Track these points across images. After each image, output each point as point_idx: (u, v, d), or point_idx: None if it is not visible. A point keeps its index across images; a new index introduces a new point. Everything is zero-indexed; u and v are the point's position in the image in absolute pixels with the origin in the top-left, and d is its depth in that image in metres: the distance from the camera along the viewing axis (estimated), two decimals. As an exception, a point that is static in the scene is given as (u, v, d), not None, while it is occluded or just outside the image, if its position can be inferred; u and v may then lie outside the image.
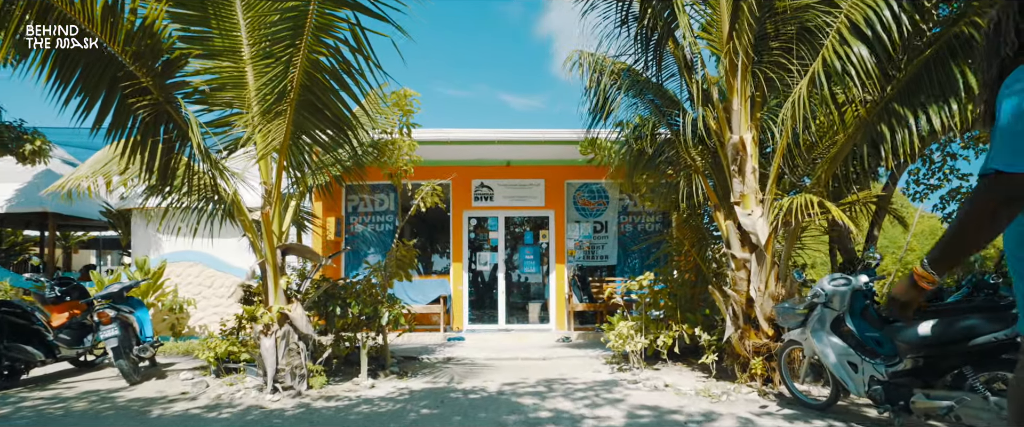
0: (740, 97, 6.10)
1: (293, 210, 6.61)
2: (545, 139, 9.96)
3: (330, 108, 6.14)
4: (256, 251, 6.22)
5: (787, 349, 5.64)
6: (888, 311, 1.81)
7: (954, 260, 1.54)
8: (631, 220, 11.52)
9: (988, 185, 1.38)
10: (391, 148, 7.48)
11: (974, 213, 1.40)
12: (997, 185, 1.36)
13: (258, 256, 6.20)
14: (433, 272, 11.90)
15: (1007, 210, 1.37)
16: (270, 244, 6.05)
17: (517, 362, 8.32)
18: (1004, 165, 1.34)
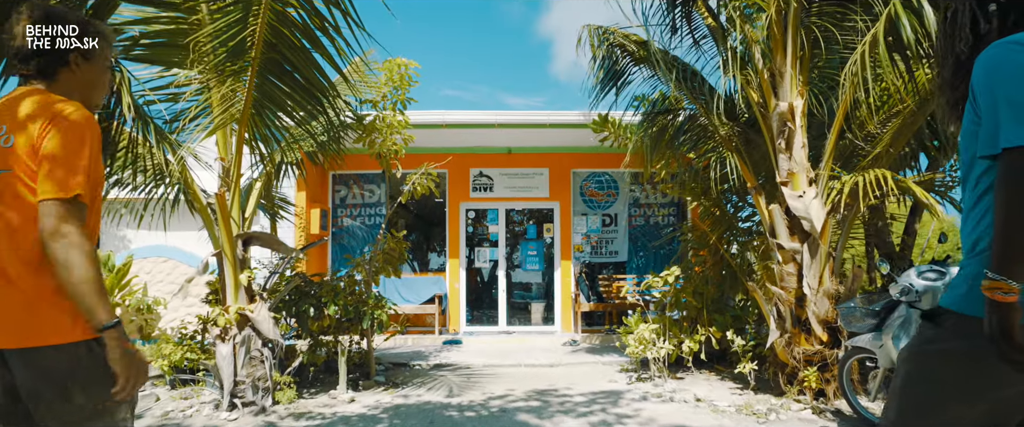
0: (790, 56, 5.04)
1: (258, 194, 5.53)
2: (550, 122, 8.91)
3: (301, 70, 5.08)
4: (212, 240, 5.16)
5: (851, 358, 4.58)
6: (1001, 358, 1.28)
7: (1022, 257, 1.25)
8: (643, 212, 10.46)
9: (1012, 165, 1.24)
10: (379, 126, 6.40)
11: (1015, 200, 1.23)
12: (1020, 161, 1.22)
13: (214, 246, 5.14)
14: (428, 269, 10.83)
15: None
16: (227, 232, 4.98)
17: (520, 370, 7.26)
18: (1019, 138, 1.22)
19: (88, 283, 1.53)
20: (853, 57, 4.65)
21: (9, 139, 1.59)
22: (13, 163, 1.58)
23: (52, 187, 1.54)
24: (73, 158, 1.57)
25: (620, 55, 6.47)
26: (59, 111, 1.59)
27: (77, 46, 1.73)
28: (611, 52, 6.44)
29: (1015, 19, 1.42)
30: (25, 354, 1.57)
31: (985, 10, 1.45)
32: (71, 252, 1.52)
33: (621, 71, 6.51)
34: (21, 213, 1.59)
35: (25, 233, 1.58)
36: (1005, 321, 1.26)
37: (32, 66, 1.69)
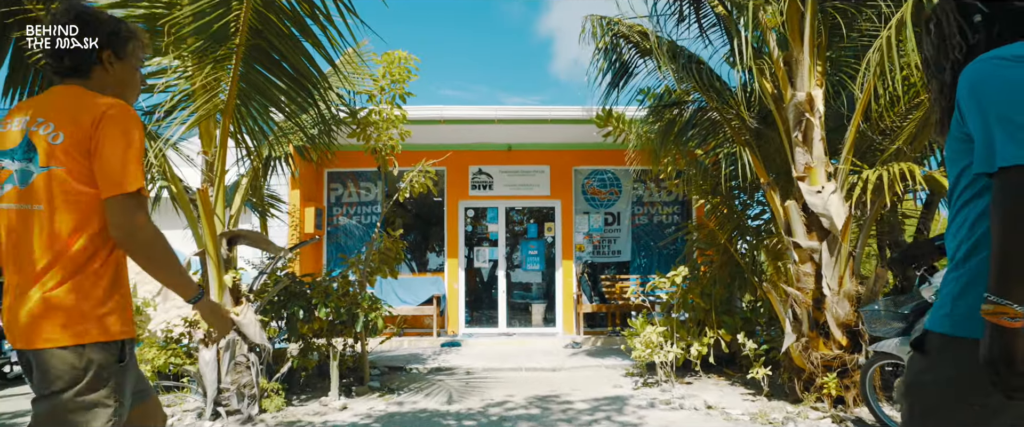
0: (808, 43, 4.73)
1: (244, 190, 5.21)
2: (551, 117, 8.59)
3: (290, 60, 4.76)
4: (195, 238, 4.84)
5: (876, 364, 4.27)
6: (996, 385, 1.20)
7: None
8: (646, 211, 10.14)
9: (1007, 185, 1.19)
10: (375, 120, 6.07)
11: (1012, 221, 1.18)
12: (1017, 180, 1.18)
13: (197, 245, 4.82)
14: (426, 270, 10.52)
15: None
16: (210, 230, 4.67)
17: (522, 374, 6.95)
18: (1016, 158, 1.18)
19: (172, 267, 1.66)
20: (877, 43, 4.33)
21: (58, 136, 1.59)
22: (63, 159, 1.59)
23: (116, 183, 1.58)
24: (129, 153, 1.60)
25: (625, 46, 6.15)
26: (107, 107, 1.62)
27: (110, 45, 1.73)
28: (616, 43, 6.13)
29: (999, 30, 1.38)
30: (38, 354, 1.59)
31: (970, 21, 1.42)
32: (150, 243, 1.60)
33: (626, 63, 6.19)
34: (68, 208, 1.60)
35: (68, 227, 1.60)
36: (1011, 348, 1.18)
37: (66, 64, 1.70)
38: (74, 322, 1.59)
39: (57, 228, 1.60)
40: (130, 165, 1.60)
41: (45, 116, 1.63)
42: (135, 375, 1.76)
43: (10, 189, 1.64)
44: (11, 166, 1.64)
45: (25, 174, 1.62)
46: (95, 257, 1.63)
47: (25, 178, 1.62)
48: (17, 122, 1.67)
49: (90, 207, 1.63)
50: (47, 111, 1.64)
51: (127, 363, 1.69)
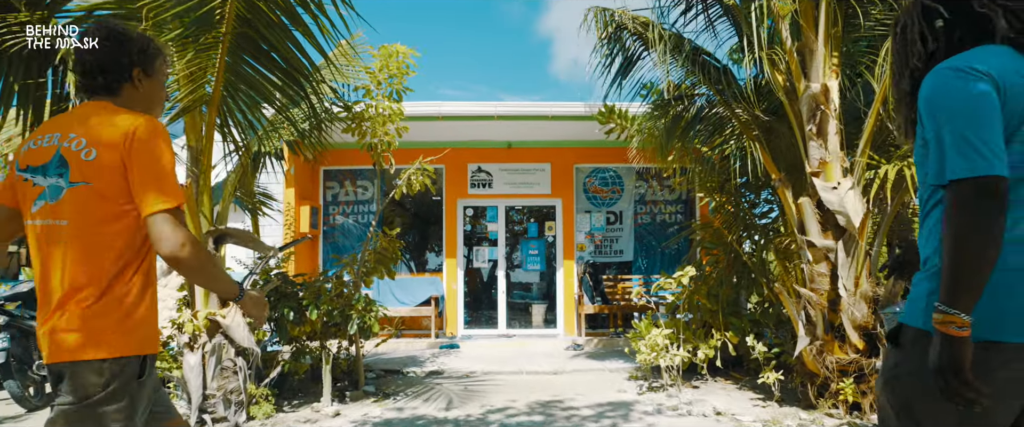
0: (822, 32, 4.49)
1: (232, 186, 4.95)
2: (552, 114, 8.35)
3: (279, 50, 4.52)
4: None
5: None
6: (943, 391, 1.24)
7: (975, 288, 1.22)
8: (649, 210, 9.89)
9: (964, 196, 1.23)
10: (370, 116, 5.82)
11: (966, 230, 1.22)
12: (973, 193, 1.22)
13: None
14: (425, 270, 10.27)
15: (996, 213, 1.21)
16: (194, 227, 4.42)
17: (522, 377, 6.70)
18: (967, 171, 1.22)
19: (217, 274, 1.71)
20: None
21: (90, 152, 1.60)
22: (94, 176, 1.60)
23: (157, 200, 1.58)
24: (165, 168, 1.61)
25: (629, 38, 5.91)
26: (139, 124, 1.63)
27: (140, 63, 1.75)
28: (618, 35, 5.88)
29: (961, 35, 1.39)
30: (64, 366, 1.59)
31: (932, 26, 1.42)
32: (195, 256, 1.60)
33: (630, 56, 5.95)
34: (96, 224, 1.61)
35: (96, 243, 1.61)
36: (958, 356, 1.22)
37: (99, 82, 1.72)
38: (99, 336, 1.59)
39: (85, 244, 1.61)
40: (168, 181, 1.61)
41: (77, 132, 1.64)
42: (151, 391, 1.75)
43: (42, 205, 1.65)
44: (43, 182, 1.64)
45: (56, 189, 1.63)
46: (123, 273, 1.64)
47: (56, 193, 1.63)
48: (48, 138, 1.67)
49: (119, 223, 1.64)
50: (79, 128, 1.65)
51: (145, 379, 1.68)
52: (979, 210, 1.22)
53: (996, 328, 1.26)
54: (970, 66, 1.28)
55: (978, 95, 1.25)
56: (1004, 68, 1.29)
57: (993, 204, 1.22)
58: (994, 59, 1.31)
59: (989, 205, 1.22)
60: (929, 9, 1.43)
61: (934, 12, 1.42)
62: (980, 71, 1.27)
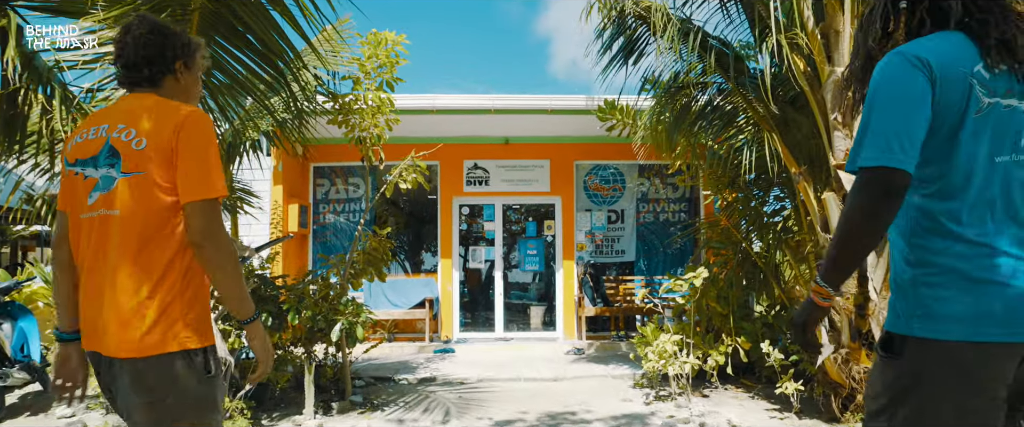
0: (849, 11, 4.07)
1: None
2: (551, 107, 7.92)
3: (256, 31, 4.09)
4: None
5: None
6: (791, 339, 1.76)
7: (847, 269, 1.37)
8: (652, 208, 9.47)
9: (863, 182, 1.27)
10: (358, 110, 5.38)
11: (855, 214, 1.28)
12: (871, 181, 1.26)
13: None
14: (420, 270, 9.84)
15: (885, 204, 1.26)
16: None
17: (520, 385, 6.27)
18: (872, 160, 1.26)
19: (236, 281, 1.62)
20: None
21: (141, 142, 1.60)
22: (147, 166, 1.59)
23: (198, 188, 1.57)
24: (211, 159, 1.61)
25: (634, 24, 5.49)
26: (188, 114, 1.63)
27: (182, 56, 1.76)
28: (623, 21, 5.46)
29: (920, 18, 1.39)
30: (134, 363, 1.57)
31: (896, 8, 1.42)
32: (226, 250, 1.58)
33: (634, 42, 5.53)
34: (149, 214, 1.59)
35: (150, 233, 1.59)
36: (811, 318, 1.44)
37: (144, 75, 1.72)
38: (163, 330, 1.57)
39: (139, 234, 1.59)
40: (213, 171, 1.61)
41: (126, 123, 1.64)
42: (223, 385, 1.81)
43: (99, 196, 1.64)
44: (95, 174, 1.64)
45: (108, 180, 1.62)
46: (175, 263, 1.62)
47: (107, 184, 1.62)
48: (95, 130, 1.67)
49: (171, 213, 1.62)
50: (127, 118, 1.65)
51: (215, 373, 1.67)
52: (875, 201, 1.24)
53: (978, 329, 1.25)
54: (915, 55, 1.28)
55: (910, 88, 1.26)
56: (950, 58, 1.28)
57: (889, 199, 1.24)
58: (943, 48, 1.29)
59: (885, 198, 1.24)
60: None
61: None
62: (921, 61, 1.27)
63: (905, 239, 1.37)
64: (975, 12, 1.33)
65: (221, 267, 1.60)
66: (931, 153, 1.29)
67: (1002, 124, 1.28)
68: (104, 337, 1.59)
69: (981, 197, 1.27)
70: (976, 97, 1.26)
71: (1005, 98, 1.28)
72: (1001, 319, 1.24)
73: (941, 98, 1.26)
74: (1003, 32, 1.30)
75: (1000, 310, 1.24)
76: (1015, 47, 1.29)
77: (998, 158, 1.28)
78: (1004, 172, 1.28)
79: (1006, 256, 1.26)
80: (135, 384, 1.57)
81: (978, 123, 1.26)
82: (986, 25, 1.31)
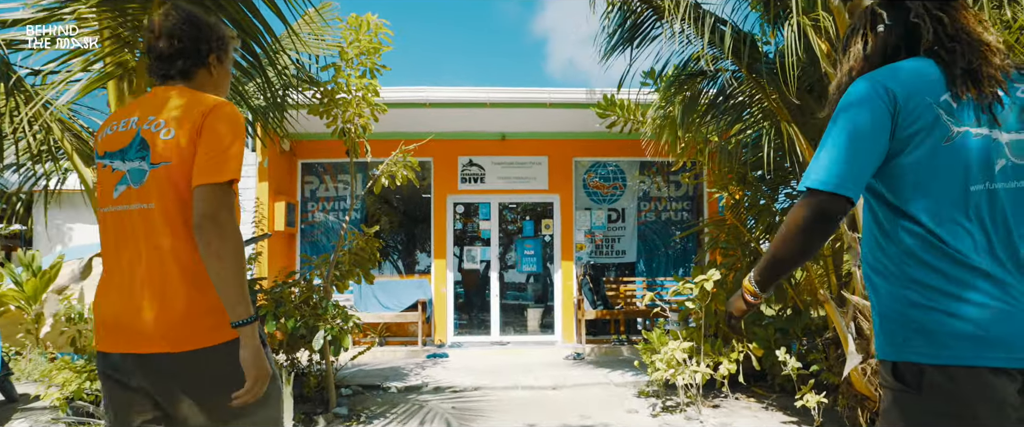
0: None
1: None
2: (550, 101, 7.52)
3: (228, 9, 3.67)
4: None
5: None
6: (726, 324, 1.65)
7: (773, 277, 1.41)
8: (653, 207, 9.06)
9: (805, 202, 1.30)
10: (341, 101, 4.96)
11: (789, 230, 1.31)
12: (814, 204, 1.28)
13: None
14: (413, 271, 9.41)
15: (821, 227, 1.29)
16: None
17: (518, 393, 5.85)
18: (819, 183, 1.27)
19: (235, 274, 1.49)
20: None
21: (169, 132, 1.56)
22: (174, 155, 1.55)
23: (207, 172, 1.51)
24: (232, 148, 1.55)
25: (639, 7, 5.07)
26: (218, 105, 1.60)
27: (216, 49, 1.71)
28: (628, 3, 5.05)
29: (895, 43, 1.40)
30: (176, 358, 1.51)
31: (875, 32, 1.43)
32: (224, 240, 1.48)
33: (640, 27, 5.11)
34: (182, 205, 1.55)
35: (183, 224, 1.54)
36: (739, 308, 1.54)
37: (179, 68, 1.67)
38: (215, 319, 1.52)
39: (174, 225, 1.54)
40: (231, 160, 1.53)
41: (156, 114, 1.59)
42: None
43: (124, 189, 1.57)
44: (123, 166, 1.58)
45: (139, 173, 1.56)
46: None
47: (139, 177, 1.56)
48: (124, 123, 1.63)
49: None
50: (158, 110, 1.60)
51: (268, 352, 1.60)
52: (811, 222, 1.28)
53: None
54: (882, 85, 1.29)
55: (870, 118, 1.27)
56: (917, 87, 1.28)
57: (825, 223, 1.28)
58: (912, 76, 1.30)
59: (822, 222, 1.28)
60: (876, 15, 1.44)
61: (879, 18, 1.43)
62: (888, 91, 1.28)
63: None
64: (945, 41, 1.33)
65: (219, 256, 1.47)
66: (900, 182, 1.30)
67: (971, 153, 1.26)
68: (139, 336, 1.51)
69: (955, 226, 1.26)
70: (943, 125, 1.26)
71: (976, 127, 1.27)
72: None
73: (905, 129, 1.27)
74: (969, 62, 1.29)
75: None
76: (980, 77, 1.28)
77: (973, 187, 1.26)
78: (978, 201, 1.26)
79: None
80: (191, 378, 1.53)
81: (946, 152, 1.26)
82: (953, 54, 1.31)
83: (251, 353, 1.49)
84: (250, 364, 1.49)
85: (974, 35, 1.34)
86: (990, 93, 1.29)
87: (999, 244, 1.26)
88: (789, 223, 1.31)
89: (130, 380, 1.55)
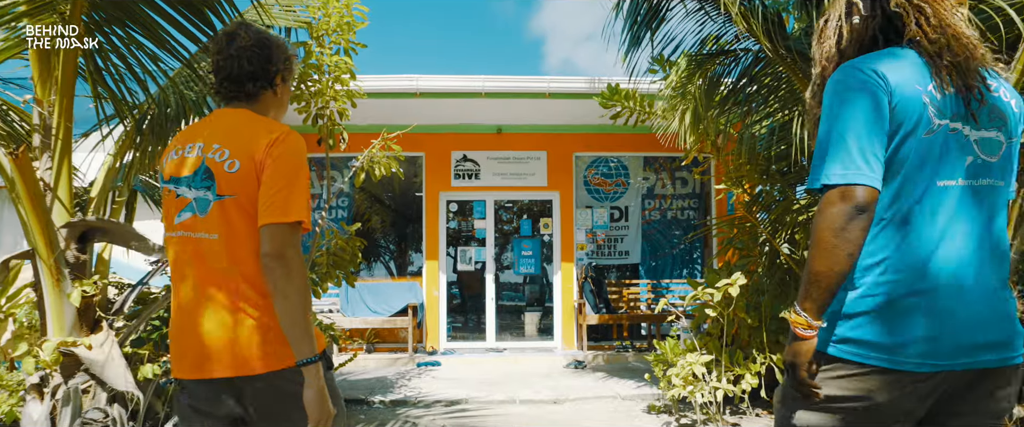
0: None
1: (108, 167, 3.43)
2: (549, 90, 6.94)
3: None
4: (25, 232, 3.10)
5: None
6: (791, 385, 1.31)
7: (824, 295, 1.23)
8: (658, 205, 8.48)
9: (830, 201, 1.22)
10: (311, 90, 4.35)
11: (826, 235, 1.21)
12: (839, 200, 1.21)
13: (28, 241, 3.08)
14: (405, 273, 8.82)
15: (857, 224, 1.20)
16: (39, 218, 2.95)
17: (516, 408, 5.27)
18: (839, 178, 1.21)
19: (301, 313, 1.47)
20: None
21: (234, 164, 1.52)
22: (239, 189, 1.52)
23: (275, 211, 1.48)
24: (297, 183, 1.51)
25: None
26: (278, 135, 1.54)
27: (283, 70, 1.68)
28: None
29: (872, 34, 1.36)
30: (252, 381, 1.51)
31: (850, 23, 1.38)
32: (290, 280, 1.46)
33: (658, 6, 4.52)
34: (248, 236, 1.52)
35: (250, 253, 1.52)
36: (797, 353, 1.26)
37: (247, 90, 1.63)
38: (272, 347, 1.50)
39: (237, 257, 1.52)
40: (296, 195, 1.49)
41: (220, 142, 1.55)
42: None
43: (188, 217, 1.55)
44: (188, 194, 1.55)
45: (204, 202, 1.54)
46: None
47: (204, 206, 1.54)
48: (190, 147, 1.58)
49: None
50: (222, 137, 1.56)
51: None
52: (845, 221, 1.20)
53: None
54: (871, 69, 1.25)
55: (870, 102, 1.23)
56: (905, 75, 1.25)
57: (859, 217, 1.20)
58: (897, 65, 1.26)
59: (857, 216, 1.20)
60: (851, 4, 1.38)
61: (854, 8, 1.37)
62: (879, 75, 1.24)
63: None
64: (928, 32, 1.28)
65: (285, 295, 1.45)
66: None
67: (946, 148, 1.24)
68: (206, 360, 1.51)
69: (922, 220, 1.24)
70: (928, 117, 1.23)
71: (952, 121, 1.24)
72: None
73: (895, 114, 1.23)
74: (955, 55, 1.26)
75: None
76: (967, 70, 1.26)
77: (940, 181, 1.23)
78: (946, 196, 1.24)
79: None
80: (255, 402, 1.53)
81: (925, 144, 1.24)
82: (938, 46, 1.27)
83: (315, 394, 1.46)
84: (314, 405, 1.46)
85: (957, 27, 1.29)
86: (974, 87, 1.26)
87: (962, 239, 1.24)
88: (820, 230, 1.21)
89: (200, 404, 1.57)
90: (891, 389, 1.22)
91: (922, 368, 1.21)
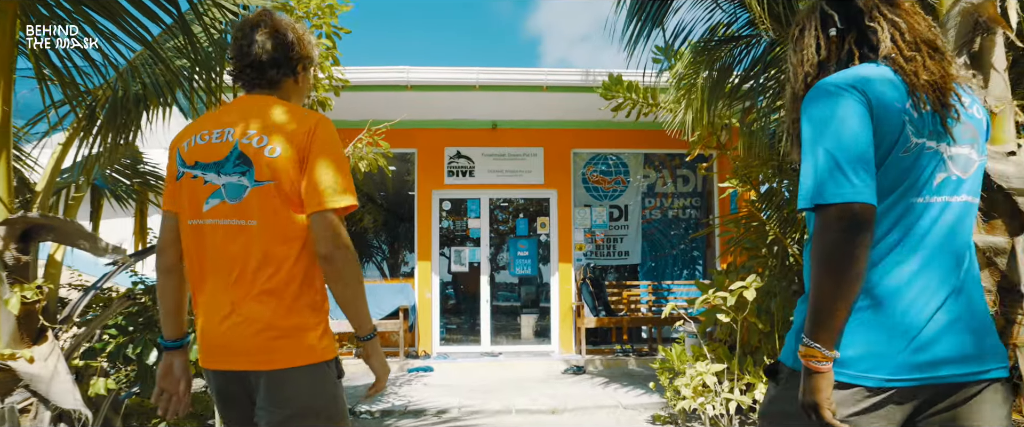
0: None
1: (56, 158, 3.07)
2: (547, 83, 6.60)
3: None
4: (-41, 233, 2.73)
5: None
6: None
7: (834, 321, 1.15)
8: (659, 203, 8.14)
9: (827, 222, 1.16)
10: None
11: (823, 263, 1.15)
12: (837, 219, 1.15)
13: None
14: (398, 274, 8.47)
15: (860, 241, 1.14)
16: (-30, 216, 2.57)
17: (512, 419, 4.93)
18: (834, 196, 1.15)
19: (359, 295, 1.54)
20: None
21: (275, 150, 1.50)
22: (280, 174, 1.50)
23: (329, 197, 1.48)
24: (342, 168, 1.53)
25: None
26: (318, 121, 1.55)
27: (304, 58, 1.68)
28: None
29: (849, 48, 1.31)
30: (273, 376, 1.50)
31: (827, 35, 1.34)
32: (349, 266, 1.50)
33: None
34: (284, 223, 1.51)
35: (285, 242, 1.51)
36: (815, 390, 1.16)
37: (270, 77, 1.63)
38: (306, 340, 1.51)
39: (275, 244, 1.51)
40: (343, 180, 1.51)
41: (255, 128, 1.54)
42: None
43: (217, 203, 1.53)
44: (217, 180, 1.53)
45: (238, 188, 1.51)
46: (310, 272, 1.54)
47: (238, 192, 1.51)
48: (219, 133, 1.56)
49: (304, 222, 1.52)
50: (256, 123, 1.55)
51: (341, 377, 1.62)
52: (847, 240, 1.13)
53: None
54: (851, 85, 1.21)
55: (855, 117, 1.18)
56: (884, 90, 1.21)
57: (860, 234, 1.14)
58: (876, 80, 1.22)
59: (858, 234, 1.14)
60: (826, 16, 1.34)
61: (830, 20, 1.33)
62: (859, 89, 1.20)
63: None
64: (903, 49, 1.25)
65: (346, 282, 1.49)
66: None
67: (923, 165, 1.21)
68: (233, 354, 1.50)
69: (889, 237, 1.21)
70: (906, 135, 1.19)
71: (929, 139, 1.21)
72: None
73: (876, 133, 1.19)
74: (932, 72, 1.23)
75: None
76: (944, 89, 1.22)
77: (918, 199, 1.21)
78: (926, 213, 1.21)
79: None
80: (277, 398, 1.50)
81: (902, 162, 1.19)
82: (915, 63, 1.24)
83: (377, 360, 1.61)
84: (378, 367, 1.61)
85: (932, 43, 1.26)
86: (950, 106, 1.22)
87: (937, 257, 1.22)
88: (823, 254, 1.14)
89: (224, 396, 1.59)
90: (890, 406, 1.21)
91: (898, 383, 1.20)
